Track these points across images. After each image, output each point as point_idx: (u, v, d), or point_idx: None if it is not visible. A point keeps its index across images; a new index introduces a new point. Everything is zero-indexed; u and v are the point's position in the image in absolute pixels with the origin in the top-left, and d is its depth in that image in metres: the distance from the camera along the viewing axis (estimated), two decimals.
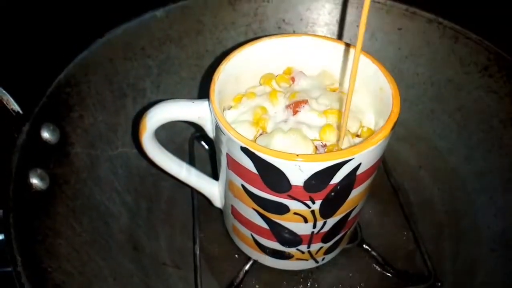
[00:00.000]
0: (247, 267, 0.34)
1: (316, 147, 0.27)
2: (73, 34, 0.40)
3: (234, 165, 0.26)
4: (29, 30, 0.44)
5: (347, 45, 0.30)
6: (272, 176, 0.25)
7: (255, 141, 0.27)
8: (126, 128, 0.39)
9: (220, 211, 0.36)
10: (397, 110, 0.26)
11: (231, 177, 0.28)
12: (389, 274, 0.35)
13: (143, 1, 0.40)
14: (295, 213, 0.27)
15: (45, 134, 0.31)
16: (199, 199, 0.37)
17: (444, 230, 0.37)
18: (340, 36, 0.43)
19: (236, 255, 0.35)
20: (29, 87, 0.32)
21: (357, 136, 0.29)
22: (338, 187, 0.25)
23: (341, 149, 0.26)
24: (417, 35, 0.41)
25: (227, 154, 0.27)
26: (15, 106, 0.31)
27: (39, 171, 0.30)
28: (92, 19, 0.42)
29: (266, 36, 0.31)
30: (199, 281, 0.33)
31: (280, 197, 0.26)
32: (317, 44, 0.31)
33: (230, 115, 0.30)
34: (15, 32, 0.43)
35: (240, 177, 0.27)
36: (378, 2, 0.41)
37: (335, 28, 0.44)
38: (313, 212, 0.27)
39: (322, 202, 0.26)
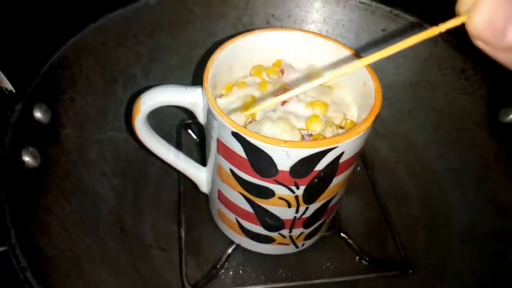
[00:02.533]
0: (230, 250, 0.36)
1: (302, 136, 0.28)
2: (68, 17, 0.41)
3: (224, 149, 0.28)
4: (25, 10, 0.44)
5: (335, 42, 0.32)
6: (260, 160, 0.26)
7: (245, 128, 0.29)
8: (116, 112, 0.39)
9: (206, 197, 0.37)
10: (379, 104, 0.28)
11: (220, 161, 0.29)
12: (364, 261, 0.36)
13: None
14: (280, 198, 0.28)
15: (38, 114, 0.32)
16: (186, 184, 0.38)
17: (418, 222, 0.39)
18: (326, 34, 0.45)
19: (220, 239, 0.36)
20: (23, 67, 0.33)
21: (341, 127, 0.30)
22: (322, 174, 0.27)
23: (326, 138, 0.27)
24: (400, 37, 0.42)
25: (217, 139, 0.28)
26: (8, 85, 0.32)
27: (31, 149, 0.30)
28: (87, 3, 0.42)
29: (256, 29, 0.32)
30: (183, 263, 0.34)
31: (267, 182, 0.27)
32: (307, 39, 0.32)
33: (220, 103, 0.31)
34: (10, 12, 0.43)
35: (229, 161, 0.28)
36: (364, 3, 0.43)
37: (322, 26, 0.45)
38: (297, 197, 0.28)
39: (305, 188, 0.28)
